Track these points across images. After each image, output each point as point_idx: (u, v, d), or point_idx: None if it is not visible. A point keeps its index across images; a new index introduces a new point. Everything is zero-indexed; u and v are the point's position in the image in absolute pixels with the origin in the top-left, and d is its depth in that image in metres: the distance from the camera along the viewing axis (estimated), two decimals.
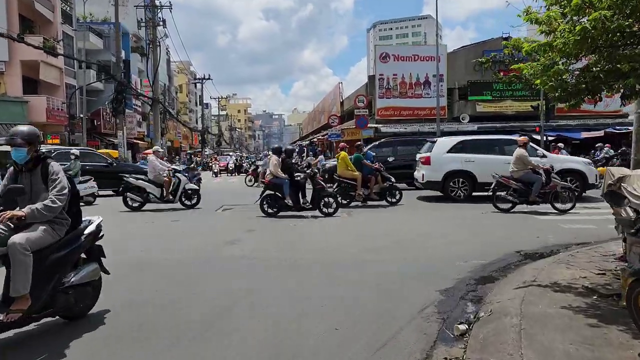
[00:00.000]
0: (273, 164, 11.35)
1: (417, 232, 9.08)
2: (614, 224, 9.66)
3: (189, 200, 13.20)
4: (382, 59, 28.90)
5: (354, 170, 12.90)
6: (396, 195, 13.15)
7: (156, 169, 12.91)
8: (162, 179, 12.81)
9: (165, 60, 65.40)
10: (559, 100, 4.90)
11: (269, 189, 11.33)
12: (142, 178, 12.93)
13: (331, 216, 11.14)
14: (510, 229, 9.25)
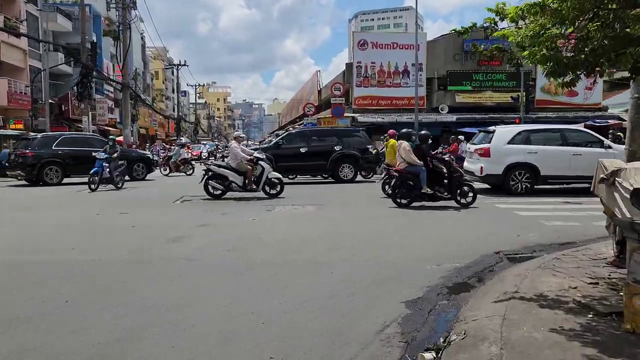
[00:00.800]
0: (406, 150, 10.57)
1: (389, 229, 8.24)
2: (598, 220, 9.03)
3: (272, 189, 12.46)
4: (360, 46, 27.95)
5: None
6: None
7: (238, 156, 12.21)
8: (245, 167, 12.09)
9: (140, 45, 63.56)
10: (552, 74, 4.06)
11: (402, 178, 10.62)
12: (224, 165, 12.38)
13: (466, 207, 10.36)
14: (489, 226, 8.47)
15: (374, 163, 17.63)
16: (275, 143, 17.92)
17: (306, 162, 16.56)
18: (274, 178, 12.49)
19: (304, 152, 16.65)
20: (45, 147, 17.14)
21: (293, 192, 13.23)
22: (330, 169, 16.71)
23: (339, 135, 17.21)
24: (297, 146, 16.83)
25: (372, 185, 15.75)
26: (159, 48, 73.03)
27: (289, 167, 16.81)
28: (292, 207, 10.86)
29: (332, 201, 11.91)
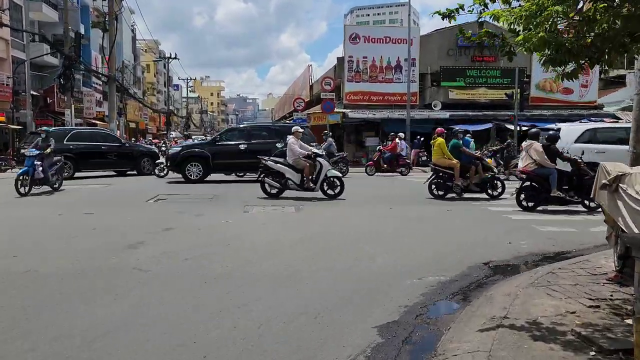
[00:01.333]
0: (538, 151, 9.92)
1: (373, 233, 7.60)
2: (596, 226, 8.44)
3: (331, 189, 11.60)
4: (351, 40, 27.21)
5: (451, 158, 11.71)
6: (498, 188, 11.84)
7: (295, 152, 11.50)
8: (303, 164, 11.38)
9: (131, 37, 62.57)
10: (551, 63, 3.43)
11: (530, 179, 10.05)
12: (281, 162, 11.62)
13: None
14: (479, 231, 7.86)
15: None
16: (213, 139, 17.01)
17: (245, 160, 15.46)
18: (333, 177, 11.64)
19: (243, 149, 15.74)
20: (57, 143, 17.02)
21: None
22: None
23: (281, 133, 16.17)
24: (236, 143, 15.94)
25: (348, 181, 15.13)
26: (150, 41, 72.07)
27: (227, 165, 16.11)
28: (272, 207, 10.22)
29: (316, 201, 11.27)
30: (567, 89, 28.79)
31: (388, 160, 19.49)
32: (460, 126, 26.20)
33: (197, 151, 16.03)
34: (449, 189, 11.68)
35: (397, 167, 19.44)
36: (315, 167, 11.44)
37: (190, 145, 17.21)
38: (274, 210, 9.88)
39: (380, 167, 19.53)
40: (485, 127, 25.82)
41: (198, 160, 15.75)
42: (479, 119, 26.38)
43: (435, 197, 11.67)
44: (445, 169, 11.71)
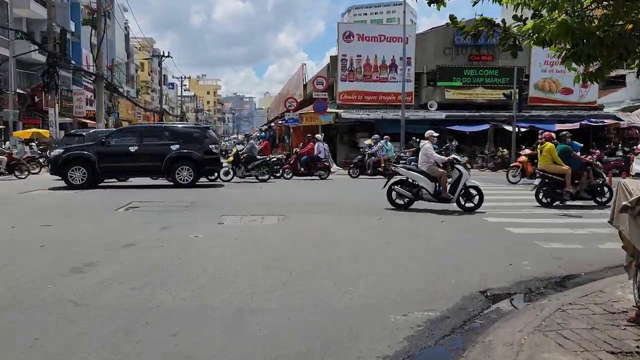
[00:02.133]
0: None
1: (356, 250, 6.79)
2: (604, 242, 7.64)
3: (469, 202, 10.41)
4: (345, 38, 26.40)
5: (561, 163, 11.07)
6: (606, 194, 11.21)
7: (431, 157, 10.57)
8: (438, 171, 10.38)
9: (124, 35, 61.62)
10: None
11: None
12: (413, 168, 10.81)
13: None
14: (474, 249, 7.05)
15: (219, 165, 16.17)
16: (99, 140, 15.44)
17: (137, 162, 14.64)
18: (472, 187, 10.51)
19: (133, 151, 14.67)
20: None
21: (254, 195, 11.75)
22: (166, 171, 14.87)
23: (176, 134, 15.37)
24: (126, 145, 14.87)
25: (329, 186, 14.31)
26: (144, 39, 71.16)
27: (116, 169, 15.05)
28: (251, 217, 9.40)
29: (302, 209, 10.46)
30: (567, 89, 28.07)
31: (305, 164, 18.44)
32: (457, 127, 25.48)
33: (80, 153, 14.69)
34: (559, 196, 11.05)
35: (315, 171, 18.43)
36: (452, 176, 10.41)
37: (74, 147, 15.65)
38: (251, 222, 9.06)
39: (297, 170, 18.48)
40: (482, 128, 25.09)
41: (82, 163, 14.49)
42: (476, 120, 25.64)
43: (542, 205, 11.11)
44: (555, 175, 11.07)
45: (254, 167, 16.99)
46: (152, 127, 17.39)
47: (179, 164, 14.78)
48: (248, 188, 15.27)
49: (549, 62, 27.86)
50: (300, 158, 18.70)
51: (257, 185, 16.07)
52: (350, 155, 27.00)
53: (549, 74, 27.94)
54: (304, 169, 18.40)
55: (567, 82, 27.97)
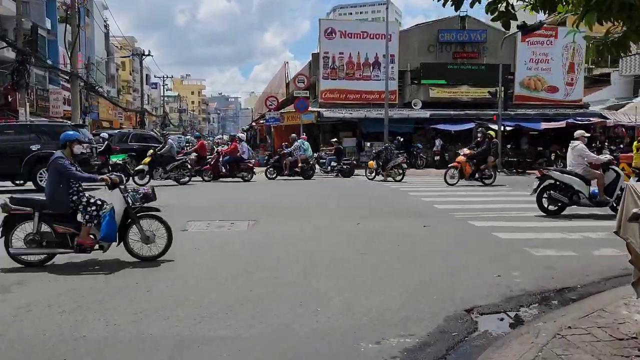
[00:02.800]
0: None
1: (324, 261, 6.11)
2: (599, 248, 7.06)
3: None
4: (327, 35, 25.70)
5: None
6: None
7: (589, 158, 9.72)
8: (595, 174, 9.58)
9: (103, 34, 60.36)
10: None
11: None
12: (567, 171, 9.75)
13: None
14: (459, 256, 6.42)
15: (89, 167, 13.63)
16: None
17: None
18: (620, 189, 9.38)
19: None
20: (122, 143, 19.96)
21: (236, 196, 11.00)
22: (26, 173, 13.48)
23: (40, 132, 13.88)
24: None
25: (305, 187, 13.60)
26: (125, 38, 69.86)
27: None
28: (219, 223, 8.68)
29: (281, 211, 9.75)
30: (552, 87, 27.71)
31: (227, 164, 16.97)
32: (442, 125, 24.96)
33: None
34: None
35: (238, 172, 17.01)
36: (609, 177, 9.61)
37: None
38: (219, 228, 8.34)
39: (218, 172, 16.92)
40: (467, 126, 24.55)
41: None
42: (460, 119, 25.11)
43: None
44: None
45: (173, 169, 15.54)
46: (9, 125, 15.28)
47: (41, 165, 12.86)
48: (187, 190, 14.52)
49: (534, 60, 27.50)
50: (223, 159, 17.05)
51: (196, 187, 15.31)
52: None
53: (534, 72, 27.56)
54: (226, 170, 16.90)
55: (552, 80, 27.67)
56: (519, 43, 27.15)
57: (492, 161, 15.89)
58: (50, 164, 5.80)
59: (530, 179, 19.98)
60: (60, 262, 5.97)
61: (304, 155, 18.28)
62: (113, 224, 5.78)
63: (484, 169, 15.56)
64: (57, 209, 5.79)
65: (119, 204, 5.94)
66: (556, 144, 25.18)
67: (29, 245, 5.69)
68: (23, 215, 5.76)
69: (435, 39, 26.77)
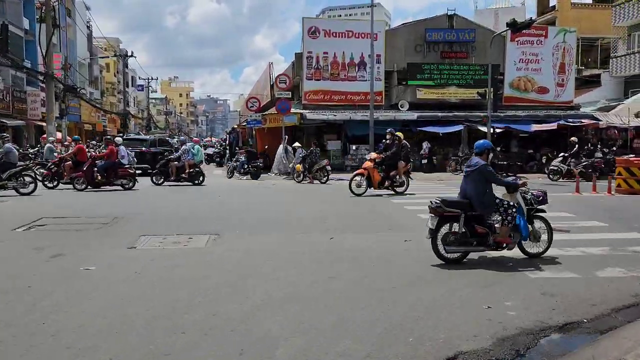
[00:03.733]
0: None
1: (283, 289, 5.16)
2: (602, 268, 6.16)
3: None
4: (310, 34, 24.75)
5: None
6: None
7: None
8: None
9: (87, 34, 59.12)
10: None
11: None
12: None
13: None
14: (442, 281, 5.49)
15: None
16: None
17: None
18: None
19: None
20: None
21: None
22: None
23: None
24: None
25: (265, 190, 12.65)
26: (107, 39, 68.61)
27: None
28: (176, 237, 7.71)
29: (243, 223, 8.78)
30: (542, 88, 26.99)
31: (103, 171, 15.12)
32: (430, 128, 24.12)
33: None
34: None
35: (116, 179, 15.27)
36: None
37: None
38: (175, 244, 7.35)
39: (93, 179, 14.97)
40: (456, 129, 23.75)
41: None
42: (449, 121, 24.30)
43: None
44: None
45: (10, 177, 13.47)
46: None
47: None
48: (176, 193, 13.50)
49: (524, 60, 26.77)
50: (98, 164, 15.22)
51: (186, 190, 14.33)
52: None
53: (524, 72, 26.81)
54: (102, 177, 15.04)
55: (542, 80, 26.96)
56: (508, 43, 26.42)
57: (404, 166, 13.80)
58: (477, 170, 6.29)
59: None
60: None
61: (192, 160, 17.07)
62: (526, 224, 6.33)
63: (395, 176, 13.64)
64: (484, 210, 6.29)
65: (522, 205, 6.41)
66: (547, 146, 24.49)
67: (449, 244, 6.19)
68: (452, 216, 6.25)
69: (422, 39, 25.94)
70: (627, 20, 30.89)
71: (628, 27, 31.58)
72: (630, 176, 13.52)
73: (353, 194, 13.35)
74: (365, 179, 13.45)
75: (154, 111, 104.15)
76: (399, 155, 13.74)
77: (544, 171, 22.41)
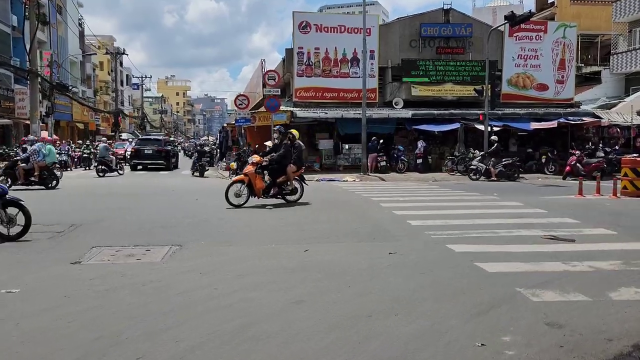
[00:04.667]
0: None
1: (242, 320, 4.28)
2: (615, 289, 5.24)
3: None
4: (301, 28, 23.84)
5: None
6: None
7: None
8: None
9: (79, 32, 58.19)
10: None
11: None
12: None
13: None
14: (427, 308, 4.60)
15: None
16: None
17: None
18: None
19: None
20: None
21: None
22: None
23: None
24: None
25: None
26: (99, 37, 67.69)
27: None
28: (131, 250, 6.82)
29: (221, 231, 7.89)
30: (542, 84, 26.14)
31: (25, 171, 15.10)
32: (425, 126, 23.25)
33: None
34: None
35: (35, 178, 15.28)
36: None
37: None
38: (128, 257, 6.47)
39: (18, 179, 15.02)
40: (452, 127, 22.88)
41: None
42: (445, 119, 23.43)
43: None
44: None
45: None
46: None
47: None
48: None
49: (523, 56, 25.92)
50: None
51: None
52: (309, 158, 24.58)
53: (523, 69, 25.95)
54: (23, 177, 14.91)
55: (541, 77, 26.12)
56: (506, 38, 25.56)
57: (295, 171, 11.65)
58: None
59: (520, 184, 18.46)
60: None
61: (43, 161, 15.53)
62: None
63: (284, 182, 11.62)
64: None
65: None
66: (547, 145, 23.65)
67: None
68: None
69: (417, 34, 25.06)
70: (628, 15, 30.06)
71: (629, 22, 30.76)
72: (637, 177, 12.64)
73: (231, 204, 10.98)
74: (247, 187, 11.22)
75: (150, 110, 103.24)
76: (289, 157, 11.50)
77: (543, 171, 21.60)
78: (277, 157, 11.47)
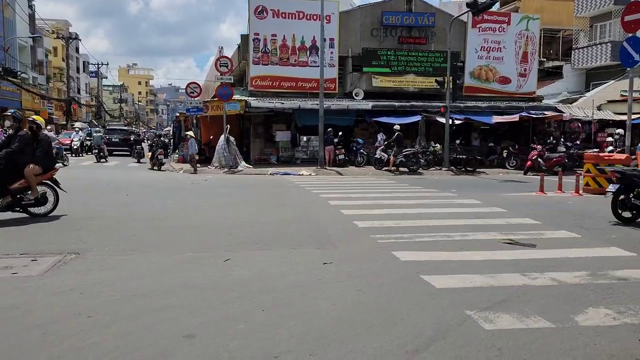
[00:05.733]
0: None
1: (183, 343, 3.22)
2: (582, 310, 4.38)
3: None
4: (257, 13, 22.57)
5: None
6: None
7: None
8: None
9: (28, 15, 55.09)
10: None
11: None
12: None
13: None
14: (355, 342, 3.64)
15: None
16: None
17: None
18: None
19: None
20: None
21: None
22: None
23: None
24: None
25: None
26: (54, 21, 64.54)
27: None
28: (13, 260, 5.63)
29: (136, 234, 6.74)
30: (504, 77, 25.67)
31: None
32: (385, 119, 22.43)
33: None
34: None
35: None
36: None
37: None
38: (2, 270, 5.28)
39: None
40: (413, 119, 22.12)
41: None
42: (406, 111, 22.65)
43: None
44: None
45: None
46: None
47: None
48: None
49: (486, 48, 25.36)
50: None
51: None
52: (266, 151, 23.47)
53: (486, 61, 25.40)
54: None
55: (504, 70, 25.65)
56: (469, 29, 24.94)
57: (41, 172, 8.45)
58: None
59: (481, 179, 17.84)
60: None
61: None
62: None
63: (23, 188, 8.24)
64: None
65: None
66: (508, 139, 23.21)
67: None
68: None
69: (379, 22, 24.15)
70: (590, 10, 29.95)
71: (590, 18, 30.68)
72: (600, 174, 12.04)
73: None
74: None
75: (110, 100, 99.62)
76: (29, 153, 8.27)
77: (504, 165, 21.12)
78: (5, 153, 7.98)
